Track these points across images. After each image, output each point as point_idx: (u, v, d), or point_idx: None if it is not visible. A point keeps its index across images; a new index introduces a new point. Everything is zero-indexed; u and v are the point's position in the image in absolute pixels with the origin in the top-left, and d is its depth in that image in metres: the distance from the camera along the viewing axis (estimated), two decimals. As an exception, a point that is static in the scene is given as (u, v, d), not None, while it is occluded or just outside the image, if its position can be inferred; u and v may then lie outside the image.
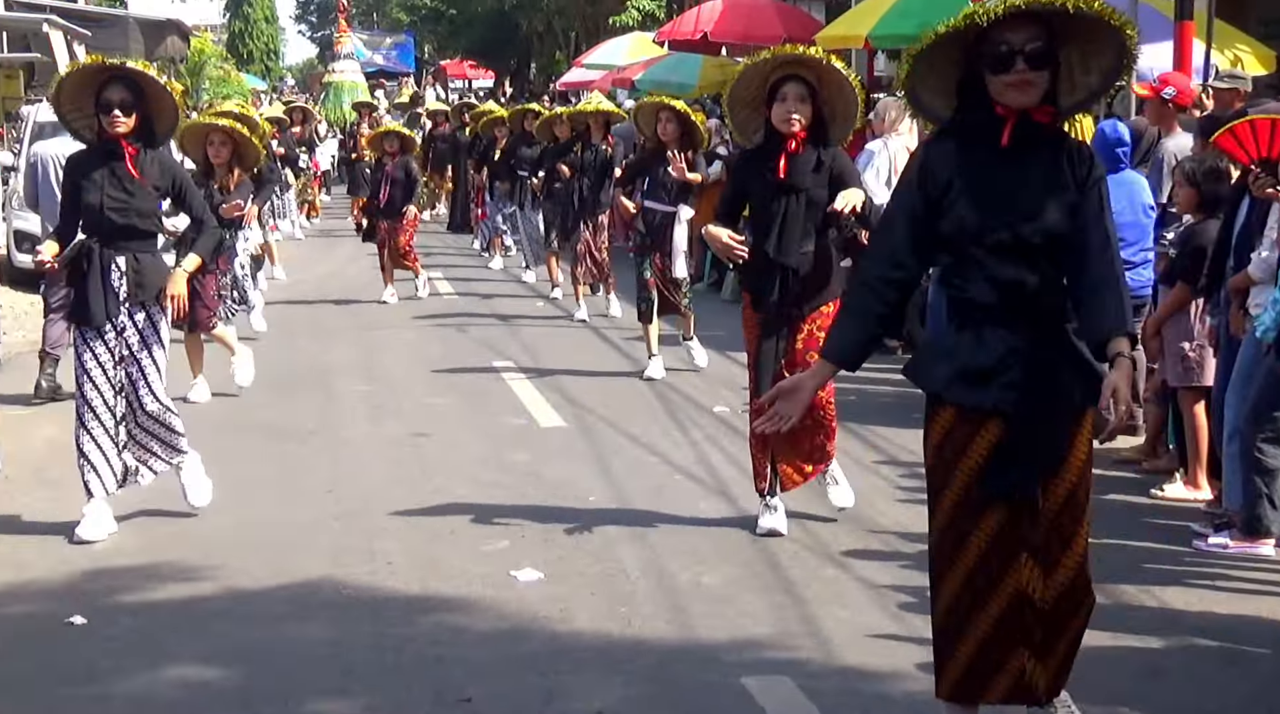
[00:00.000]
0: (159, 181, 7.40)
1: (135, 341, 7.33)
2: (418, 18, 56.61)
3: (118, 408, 7.34)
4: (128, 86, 7.17)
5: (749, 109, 7.12)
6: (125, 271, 7.27)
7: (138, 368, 7.33)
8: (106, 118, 7.14)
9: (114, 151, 7.25)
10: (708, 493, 8.09)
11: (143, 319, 7.35)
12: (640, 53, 25.31)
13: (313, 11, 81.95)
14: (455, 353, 12.76)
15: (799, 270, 7.00)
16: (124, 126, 7.16)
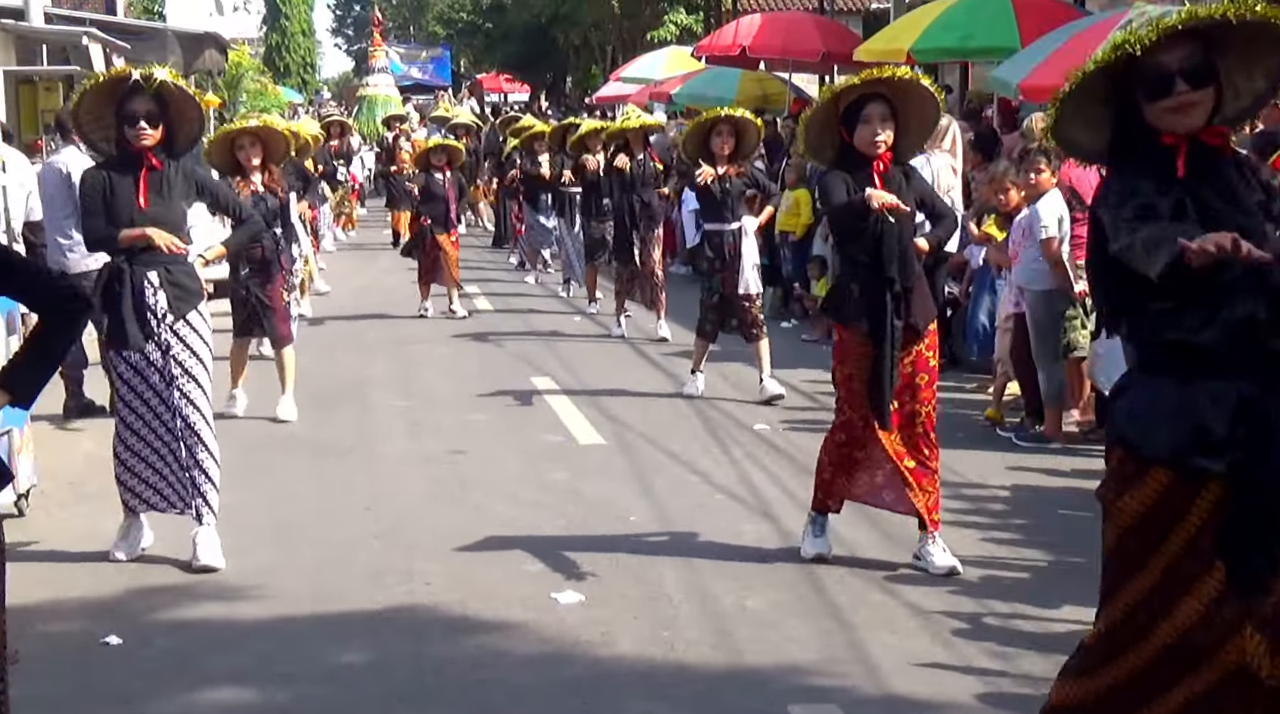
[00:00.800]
0: (186, 192, 7.16)
1: (186, 357, 7.02)
2: (454, 31, 56.82)
3: (175, 423, 7.00)
4: (152, 96, 6.86)
5: (821, 128, 6.85)
6: (160, 286, 6.97)
7: (193, 384, 7.03)
8: (132, 130, 6.85)
9: (139, 165, 6.95)
10: (750, 513, 7.98)
11: (187, 332, 7.05)
12: (677, 67, 25.25)
13: (349, 25, 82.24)
14: (493, 369, 12.68)
15: (912, 289, 6.72)
16: (150, 139, 6.88)
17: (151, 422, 7.05)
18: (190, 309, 7.06)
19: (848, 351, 6.82)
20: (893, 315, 6.63)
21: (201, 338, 7.10)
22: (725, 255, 10.88)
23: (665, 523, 7.80)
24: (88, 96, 6.95)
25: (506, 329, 14.88)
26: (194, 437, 7.00)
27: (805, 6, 35.10)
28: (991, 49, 14.80)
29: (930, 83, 6.82)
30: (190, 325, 7.05)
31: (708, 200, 11.02)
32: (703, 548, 7.32)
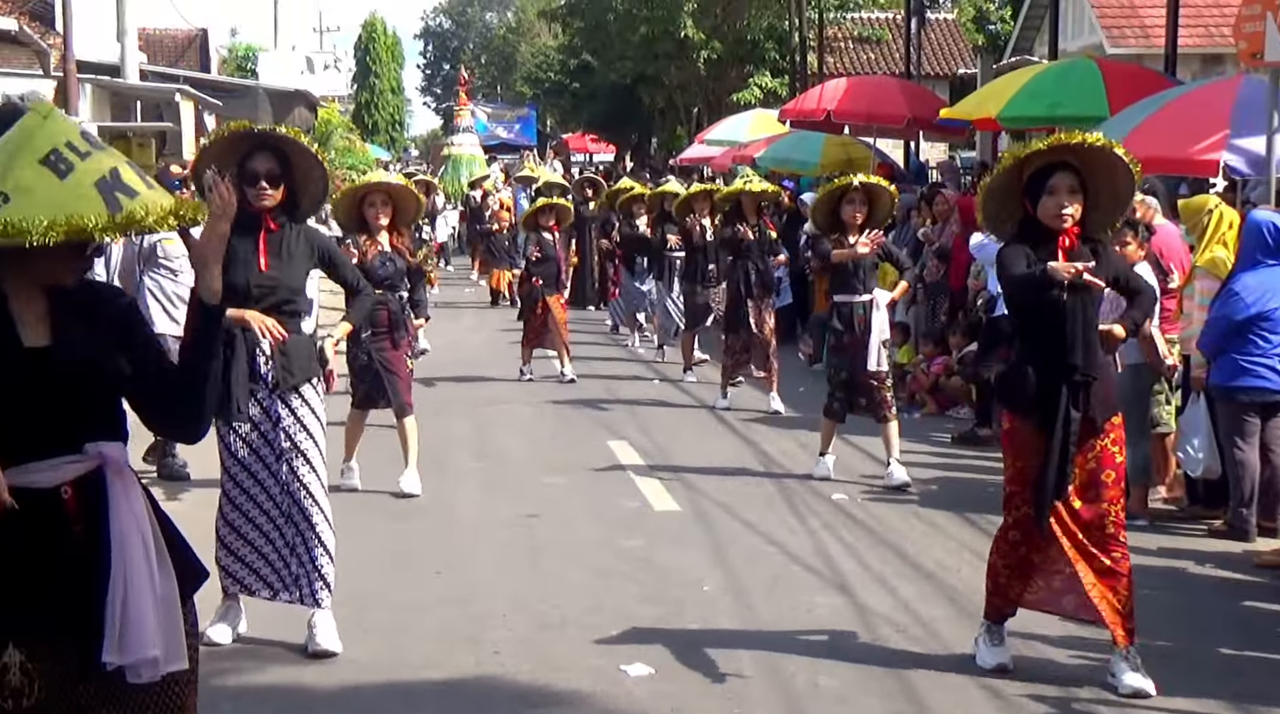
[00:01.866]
0: (307, 257, 6.81)
1: (296, 431, 6.66)
2: (541, 90, 57.20)
3: (284, 501, 6.64)
4: (275, 155, 6.57)
5: (1002, 198, 6.36)
6: (272, 355, 6.62)
7: (303, 459, 6.64)
8: (253, 189, 6.51)
9: (259, 226, 6.60)
10: (825, 586, 7.84)
11: (299, 404, 6.69)
12: (762, 130, 25.22)
13: (438, 83, 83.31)
14: (570, 432, 12.64)
15: (1094, 378, 6.16)
16: (271, 199, 6.56)
17: (260, 499, 6.68)
18: (303, 381, 6.73)
19: (1019, 443, 6.27)
20: (1069, 406, 6.07)
21: (314, 411, 6.73)
22: (855, 328, 10.37)
23: (739, 594, 7.68)
24: (209, 152, 6.65)
25: (586, 392, 14.82)
26: (304, 517, 6.61)
27: (891, 71, 35.12)
28: (1080, 118, 14.64)
29: (1125, 153, 6.21)
30: (302, 397, 6.71)
31: (838, 271, 10.50)
32: (776, 621, 7.20)
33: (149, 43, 35.22)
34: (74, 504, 3.41)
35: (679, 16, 35.48)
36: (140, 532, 3.42)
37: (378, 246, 9.89)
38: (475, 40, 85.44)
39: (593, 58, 44.70)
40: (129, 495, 3.44)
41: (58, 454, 3.40)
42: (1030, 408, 6.18)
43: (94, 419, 3.46)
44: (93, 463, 3.42)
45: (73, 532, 3.41)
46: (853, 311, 10.40)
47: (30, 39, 18.39)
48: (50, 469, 3.40)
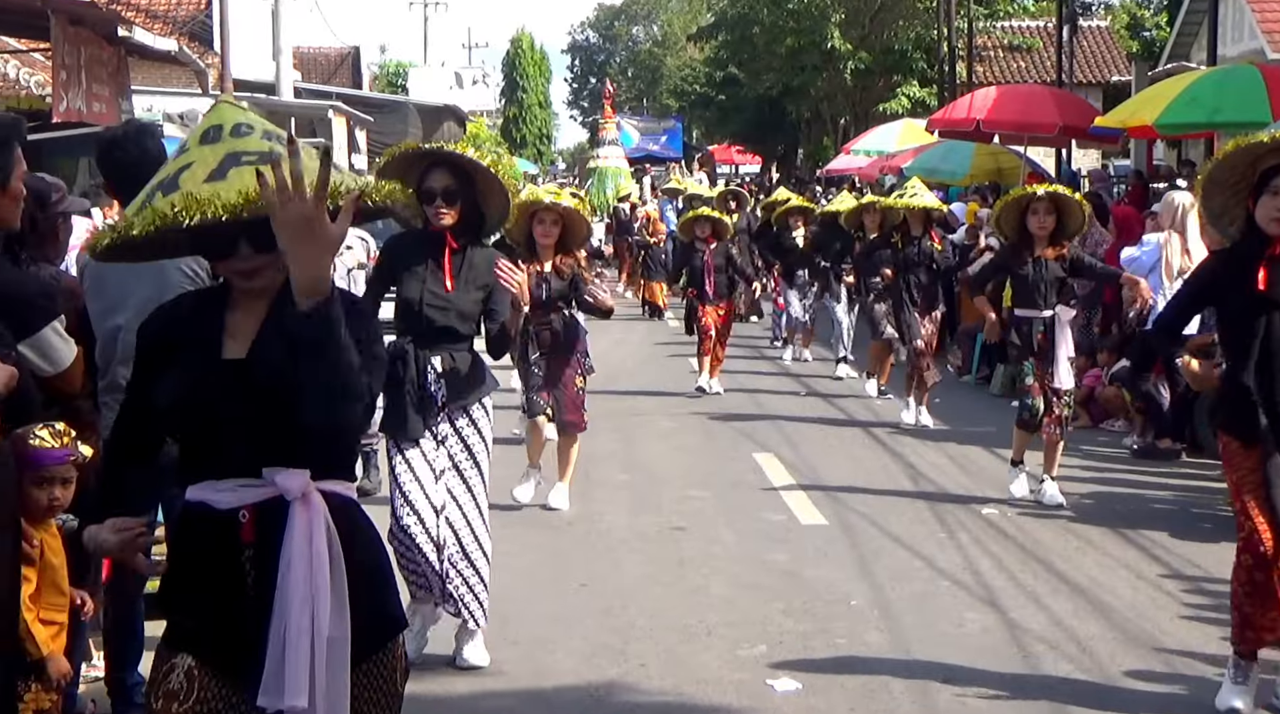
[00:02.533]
0: (485, 278, 6.55)
1: (459, 452, 6.52)
2: (687, 103, 57.34)
3: (437, 524, 6.46)
4: (453, 173, 6.38)
5: (1228, 195, 5.83)
6: (442, 373, 6.48)
7: (461, 483, 6.51)
8: (430, 208, 6.34)
9: (442, 244, 6.47)
10: (975, 602, 7.71)
11: (465, 425, 6.54)
12: (910, 139, 25.04)
13: (584, 97, 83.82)
14: (716, 444, 12.59)
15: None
16: (448, 218, 6.38)
17: (426, 517, 6.47)
18: (474, 400, 6.56)
19: (1231, 457, 5.86)
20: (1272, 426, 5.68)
21: (480, 433, 6.57)
22: (1034, 346, 9.84)
23: (886, 609, 7.58)
24: (386, 171, 6.41)
25: (731, 405, 14.76)
26: (456, 541, 6.47)
27: (1042, 79, 34.63)
28: (1241, 124, 14.28)
29: None
30: (470, 417, 6.55)
31: (1020, 285, 10.01)
32: (924, 637, 7.08)
33: (303, 61, 35.91)
34: (250, 531, 3.23)
35: (826, 28, 35.39)
36: (311, 571, 3.19)
37: (535, 267, 9.55)
38: (621, 54, 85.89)
39: (739, 70, 44.73)
40: (312, 530, 3.21)
41: (239, 474, 3.24)
42: (1237, 432, 5.81)
43: (279, 443, 3.21)
44: (273, 491, 3.22)
45: (241, 560, 3.24)
46: (1032, 328, 9.86)
47: (189, 59, 18.80)
48: (230, 491, 3.24)
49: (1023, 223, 9.82)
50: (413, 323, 6.49)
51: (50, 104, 15.88)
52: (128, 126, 6.10)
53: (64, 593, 4.47)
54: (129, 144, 5.65)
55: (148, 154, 5.60)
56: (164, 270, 5.45)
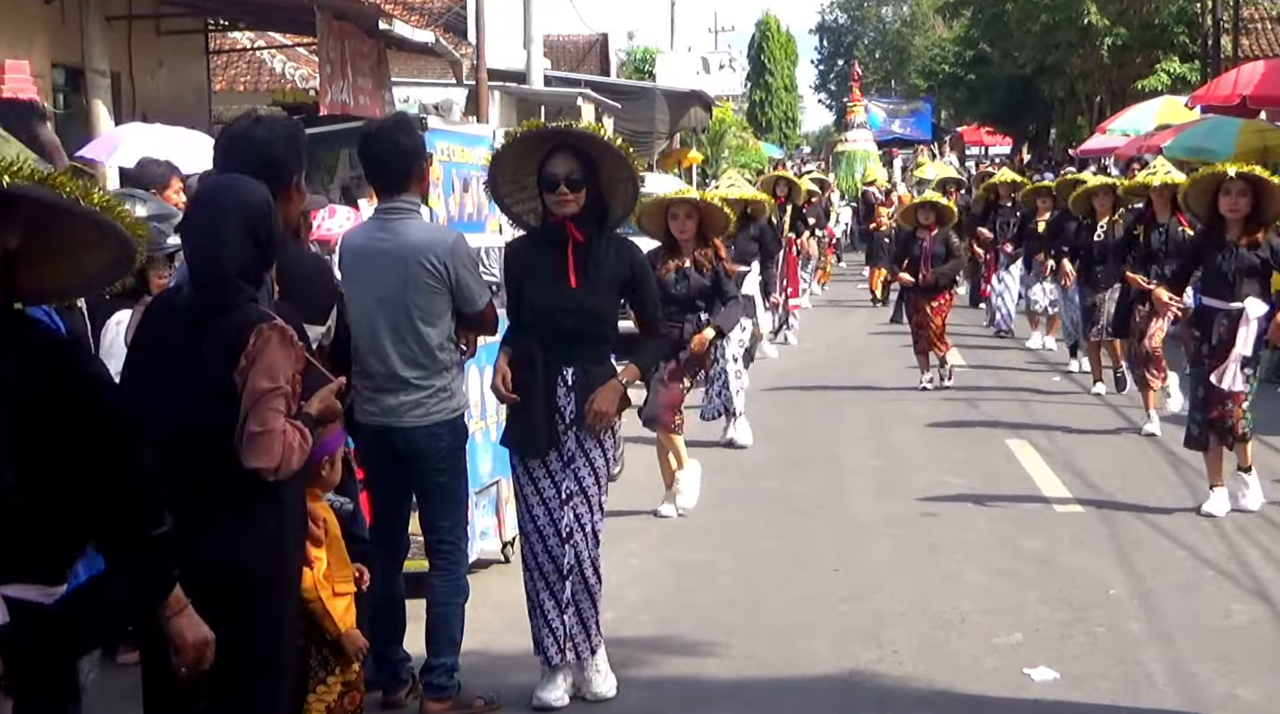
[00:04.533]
0: (617, 272, 5.99)
1: (586, 474, 5.95)
2: (935, 83, 56.55)
3: (563, 552, 5.94)
4: (576, 156, 5.89)
5: None
6: (573, 386, 5.90)
7: (586, 506, 5.95)
8: (553, 195, 5.86)
9: (563, 237, 5.93)
10: (1242, 593, 7.46)
11: (592, 445, 5.97)
12: (1169, 117, 24.26)
13: (832, 80, 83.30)
14: (966, 428, 12.41)
15: None
16: (573, 205, 5.85)
17: (551, 542, 5.97)
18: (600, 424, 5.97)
19: None
20: None
21: (604, 453, 6.02)
22: (1213, 339, 8.92)
23: (1147, 598, 7.39)
24: (504, 158, 6.07)
25: (982, 387, 14.53)
26: (579, 571, 5.95)
27: (1313, 51, 33.16)
28: None
29: None
30: (596, 438, 5.98)
31: (1208, 271, 9.11)
32: (1188, 628, 6.88)
33: (552, 49, 36.48)
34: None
35: (1082, 3, 34.51)
36: None
37: (676, 263, 9.40)
38: (870, 35, 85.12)
39: (990, 48, 43.93)
40: None
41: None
42: None
43: None
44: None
45: None
46: (1215, 320, 8.95)
47: (445, 50, 19.27)
48: None
49: (1214, 204, 8.97)
50: (542, 328, 5.89)
51: (314, 97, 16.50)
52: (386, 121, 6.25)
53: (348, 564, 4.62)
54: (383, 138, 5.81)
55: (399, 147, 5.76)
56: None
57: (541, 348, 5.87)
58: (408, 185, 5.82)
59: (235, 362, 3.75)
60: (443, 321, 5.74)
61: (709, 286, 9.42)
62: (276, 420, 3.73)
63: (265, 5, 15.50)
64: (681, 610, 7.32)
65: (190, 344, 3.81)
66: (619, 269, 5.98)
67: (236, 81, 22.45)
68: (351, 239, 6.05)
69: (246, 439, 3.72)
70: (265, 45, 21.92)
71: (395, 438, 5.75)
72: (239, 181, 4.04)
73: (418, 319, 5.73)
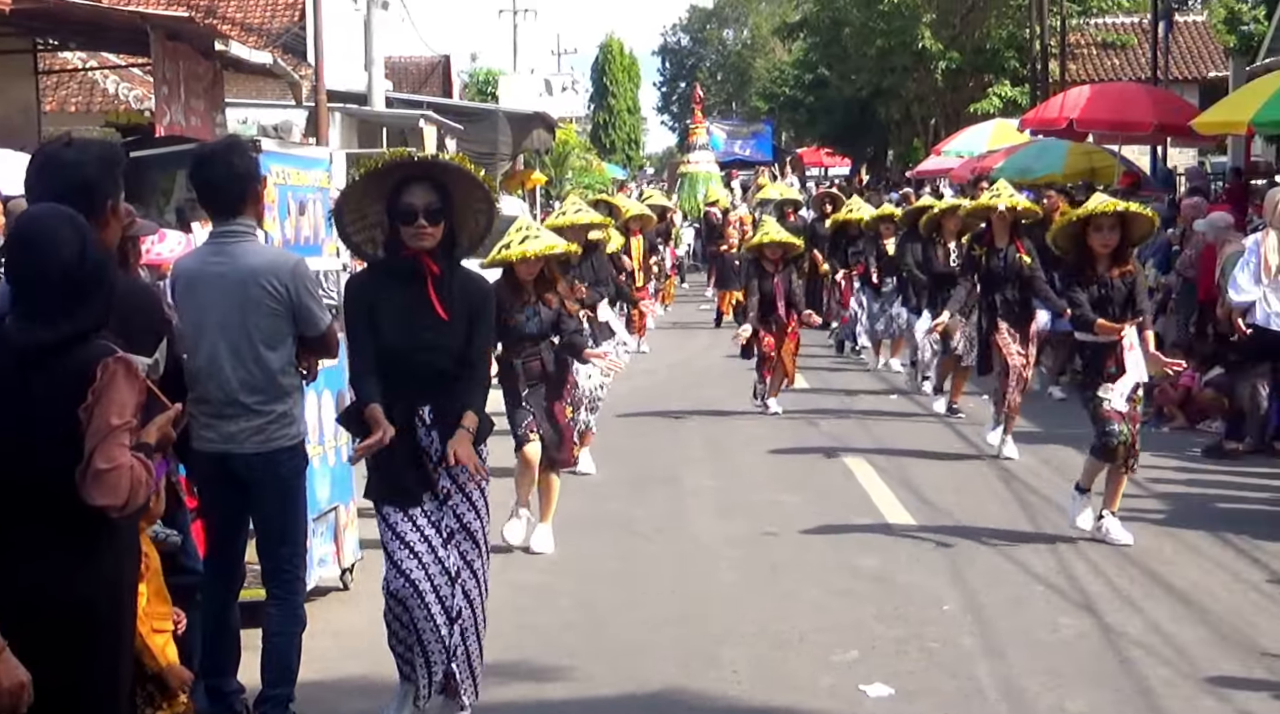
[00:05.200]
0: (469, 305, 5.77)
1: (465, 511, 5.81)
2: (776, 105, 57.17)
3: (451, 594, 5.71)
4: (434, 187, 5.68)
5: None
6: (432, 424, 5.70)
7: (471, 543, 5.80)
8: (410, 228, 5.61)
9: (420, 272, 5.68)
10: (1070, 607, 7.64)
11: (467, 479, 5.79)
12: (1002, 140, 24.86)
13: (674, 102, 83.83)
14: (806, 448, 12.54)
15: None
16: (431, 239, 5.64)
17: (438, 582, 5.72)
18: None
19: None
20: None
21: (481, 489, 5.86)
22: (1103, 373, 8.83)
23: (980, 613, 7.53)
24: (356, 188, 5.82)
25: (822, 408, 14.70)
26: (470, 612, 5.76)
27: (1137, 76, 34.19)
28: (1344, 119, 14.08)
29: None
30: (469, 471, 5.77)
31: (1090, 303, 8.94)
32: (1019, 642, 7.03)
33: (394, 70, 36.21)
34: None
35: (916, 28, 35.17)
36: None
37: (525, 299, 8.88)
38: (712, 57, 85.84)
39: (828, 71, 44.57)
40: None
41: None
42: None
43: None
44: None
45: None
46: (1101, 353, 8.89)
47: (284, 71, 19.01)
48: None
49: (1082, 238, 8.92)
50: (394, 368, 5.65)
51: (149, 118, 16.18)
52: (219, 144, 6.18)
53: (168, 601, 4.53)
54: (216, 161, 5.75)
55: (233, 170, 5.71)
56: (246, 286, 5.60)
57: (397, 389, 5.63)
58: (243, 208, 5.76)
59: (82, 397, 3.66)
60: (284, 346, 5.68)
61: (554, 320, 9.00)
62: (123, 455, 3.65)
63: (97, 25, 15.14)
64: (522, 633, 7.30)
65: (17, 380, 3.70)
66: (470, 302, 5.77)
67: (68, 102, 21.98)
68: (186, 264, 5.95)
69: (92, 476, 3.62)
70: (98, 66, 21.45)
71: (236, 464, 5.67)
72: (53, 211, 3.92)
73: (259, 343, 5.66)
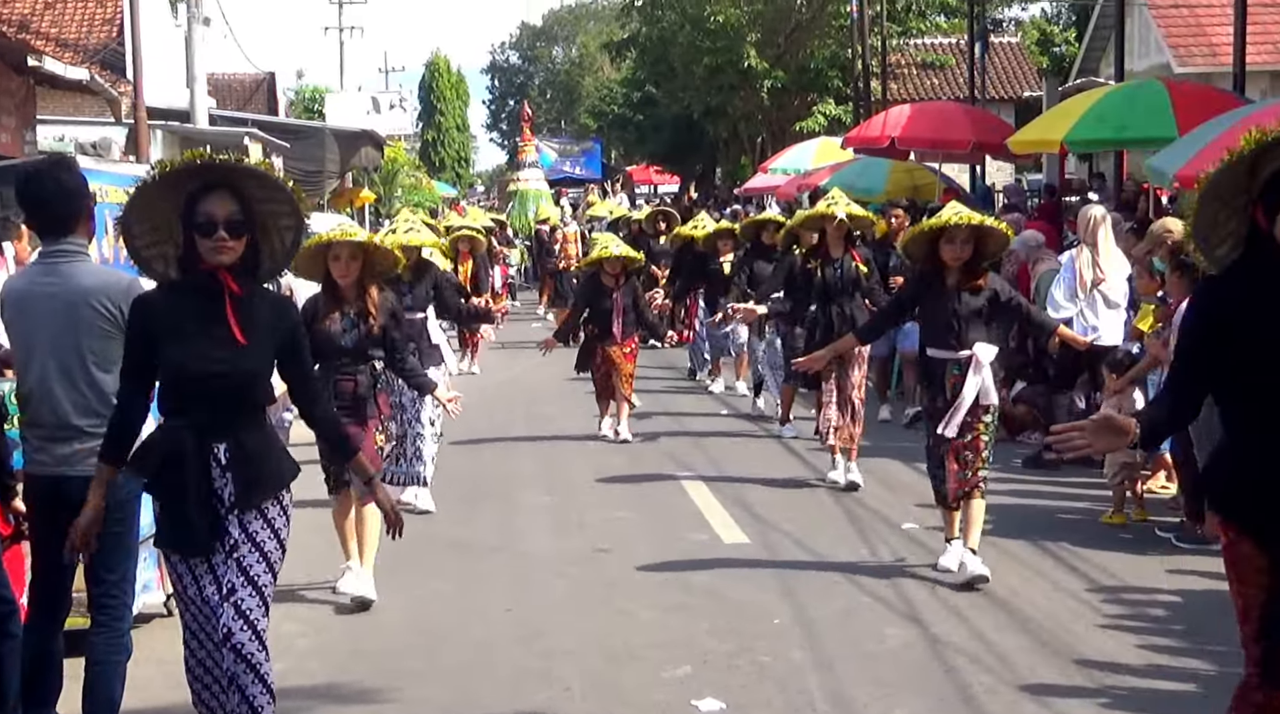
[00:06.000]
0: (275, 330, 5.17)
1: (253, 563, 5.07)
2: (605, 123, 57.42)
3: (221, 651, 5.08)
4: (235, 196, 5.05)
5: (1222, 205, 4.49)
6: (228, 464, 5.04)
7: (256, 597, 5.07)
8: (209, 241, 4.97)
9: (217, 289, 5.05)
10: (897, 617, 7.78)
11: (259, 528, 5.12)
12: (826, 157, 25.24)
13: (504, 119, 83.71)
14: (639, 465, 12.60)
15: None
16: (232, 253, 5.01)
17: (205, 646, 5.25)
18: (269, 496, 5.18)
19: (1239, 564, 4.49)
20: None
21: (276, 536, 5.18)
22: (945, 391, 8.44)
23: (810, 626, 7.63)
24: (146, 193, 5.12)
25: (655, 425, 14.76)
26: (245, 668, 5.02)
27: (955, 95, 35.03)
28: (1148, 140, 14.56)
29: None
30: (265, 518, 5.16)
31: (930, 316, 8.64)
32: (848, 654, 7.14)
33: (218, 87, 35.64)
34: None
35: (742, 47, 35.59)
36: None
37: (343, 309, 8.29)
38: (541, 75, 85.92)
39: (656, 90, 44.87)
40: None
41: None
42: (1245, 514, 4.45)
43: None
44: None
45: None
46: (945, 370, 8.51)
47: (101, 88, 18.62)
48: None
49: (933, 249, 8.55)
50: (185, 398, 5.05)
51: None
52: (43, 161, 6.05)
53: None
54: (45, 178, 5.64)
55: (63, 187, 5.61)
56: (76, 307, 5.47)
57: (189, 422, 5.02)
58: (74, 227, 5.66)
59: None
60: (117, 367, 5.52)
61: (380, 335, 8.41)
62: None
63: (-98, 38, 14.73)
64: (354, 658, 7.23)
65: None
66: (277, 327, 5.17)
67: None
68: (13, 285, 5.83)
69: None
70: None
71: (70, 487, 5.48)
72: None
73: (92, 365, 5.56)
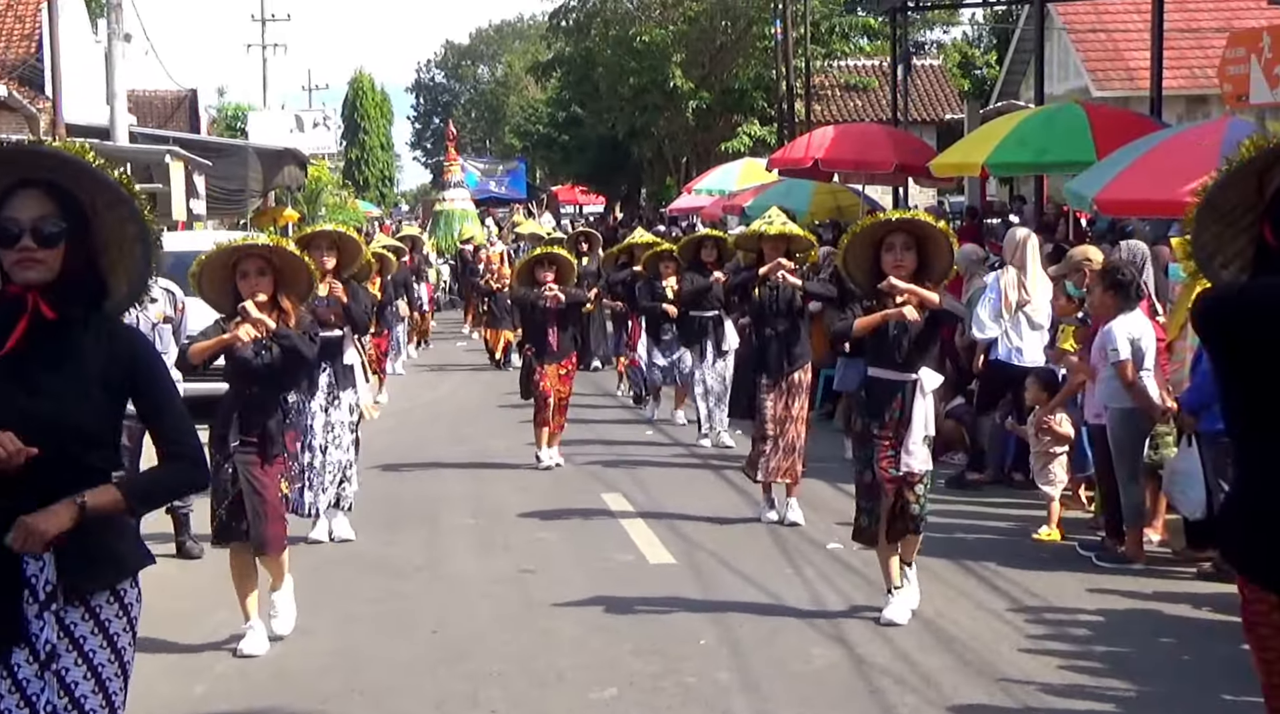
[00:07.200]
0: (108, 369, 3.92)
1: (78, 675, 3.84)
2: (530, 143, 57.46)
3: None
4: (53, 195, 3.90)
5: (1225, 226, 4.20)
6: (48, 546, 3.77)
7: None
8: (10, 252, 3.85)
9: (17, 312, 3.87)
10: (822, 637, 7.80)
11: (88, 629, 3.88)
12: (751, 178, 25.37)
13: (428, 138, 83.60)
14: (565, 485, 12.58)
15: None
16: (43, 267, 3.86)
17: None
18: (103, 585, 3.93)
19: (1251, 615, 4.06)
20: None
21: (112, 644, 3.92)
22: (885, 416, 7.85)
23: (735, 646, 7.64)
24: None
25: (579, 444, 14.72)
26: None
27: (879, 117, 35.33)
28: (1067, 163, 14.74)
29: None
30: (95, 616, 3.91)
31: (875, 338, 7.93)
32: (774, 674, 7.15)
33: (138, 105, 35.38)
34: None
35: (667, 67, 35.73)
36: None
37: (248, 334, 7.32)
38: (466, 94, 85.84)
39: (581, 109, 44.94)
40: None
41: None
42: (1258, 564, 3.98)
43: None
44: None
45: None
46: (890, 394, 7.89)
47: (19, 104, 18.45)
48: None
49: (875, 262, 7.78)
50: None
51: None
52: None
53: None
54: None
55: None
56: None
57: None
58: None
59: None
60: None
61: (293, 356, 7.56)
62: None
63: None
64: (276, 680, 7.16)
65: None
66: (111, 364, 3.92)
67: None
68: None
69: None
70: None
71: None
72: None
73: None
